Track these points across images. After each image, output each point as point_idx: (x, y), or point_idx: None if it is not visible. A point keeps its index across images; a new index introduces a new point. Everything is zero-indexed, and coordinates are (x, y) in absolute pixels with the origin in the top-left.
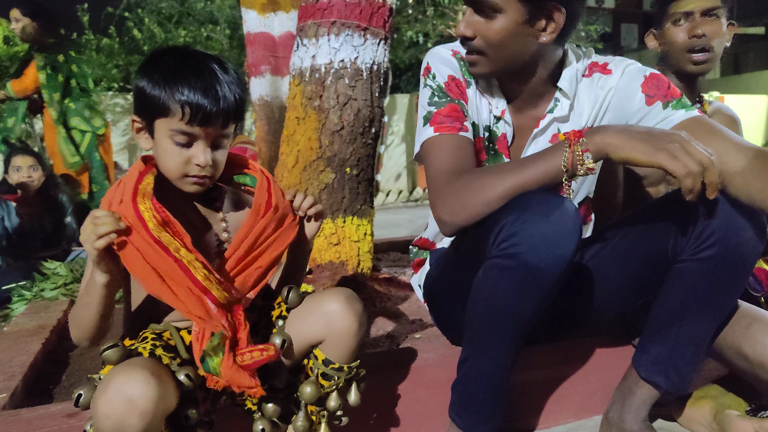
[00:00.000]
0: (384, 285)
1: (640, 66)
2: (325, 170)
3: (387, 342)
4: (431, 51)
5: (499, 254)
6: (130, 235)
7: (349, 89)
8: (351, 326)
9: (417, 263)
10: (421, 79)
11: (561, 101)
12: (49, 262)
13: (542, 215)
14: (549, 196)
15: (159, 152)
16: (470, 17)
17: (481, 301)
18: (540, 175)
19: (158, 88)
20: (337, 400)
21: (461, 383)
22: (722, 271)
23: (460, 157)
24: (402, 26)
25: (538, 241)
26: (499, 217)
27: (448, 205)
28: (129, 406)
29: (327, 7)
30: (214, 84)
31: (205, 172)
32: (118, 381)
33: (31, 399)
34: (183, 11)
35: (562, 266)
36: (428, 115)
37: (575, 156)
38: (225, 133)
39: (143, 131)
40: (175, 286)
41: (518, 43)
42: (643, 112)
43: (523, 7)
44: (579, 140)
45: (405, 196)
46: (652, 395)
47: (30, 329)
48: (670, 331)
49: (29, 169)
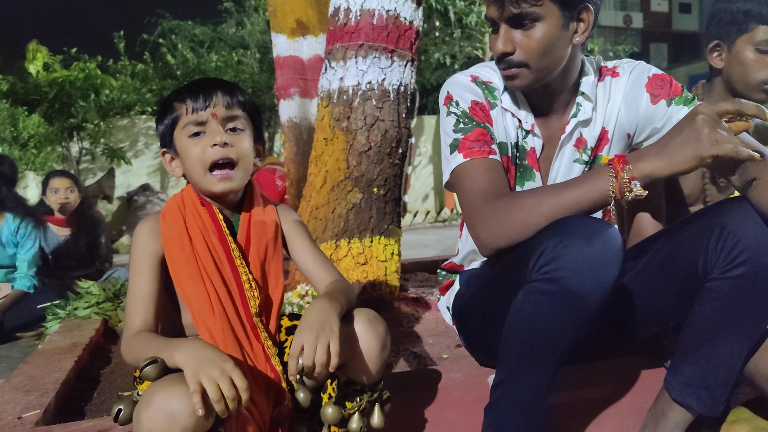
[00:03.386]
0: (411, 305)
1: (644, 66)
2: (353, 190)
3: (414, 362)
4: (449, 80)
5: (540, 278)
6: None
7: (376, 110)
8: (373, 347)
9: (445, 286)
10: (442, 108)
11: (583, 105)
12: (83, 281)
13: (585, 240)
14: (591, 220)
15: (183, 159)
16: (507, 33)
17: (520, 324)
18: (585, 200)
19: (167, 106)
20: (359, 422)
21: (496, 406)
22: (753, 290)
23: (495, 179)
24: (429, 48)
25: (580, 265)
26: (540, 241)
27: (487, 226)
28: (171, 422)
29: (355, 31)
30: (208, 80)
31: (226, 153)
32: (161, 397)
33: (63, 416)
34: (215, 37)
35: (604, 292)
36: (456, 142)
37: (622, 183)
38: (233, 114)
39: (169, 156)
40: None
41: (559, 48)
42: (651, 112)
43: (560, 11)
44: (624, 168)
45: (433, 217)
46: (685, 418)
47: (63, 347)
48: (702, 351)
49: (66, 191)
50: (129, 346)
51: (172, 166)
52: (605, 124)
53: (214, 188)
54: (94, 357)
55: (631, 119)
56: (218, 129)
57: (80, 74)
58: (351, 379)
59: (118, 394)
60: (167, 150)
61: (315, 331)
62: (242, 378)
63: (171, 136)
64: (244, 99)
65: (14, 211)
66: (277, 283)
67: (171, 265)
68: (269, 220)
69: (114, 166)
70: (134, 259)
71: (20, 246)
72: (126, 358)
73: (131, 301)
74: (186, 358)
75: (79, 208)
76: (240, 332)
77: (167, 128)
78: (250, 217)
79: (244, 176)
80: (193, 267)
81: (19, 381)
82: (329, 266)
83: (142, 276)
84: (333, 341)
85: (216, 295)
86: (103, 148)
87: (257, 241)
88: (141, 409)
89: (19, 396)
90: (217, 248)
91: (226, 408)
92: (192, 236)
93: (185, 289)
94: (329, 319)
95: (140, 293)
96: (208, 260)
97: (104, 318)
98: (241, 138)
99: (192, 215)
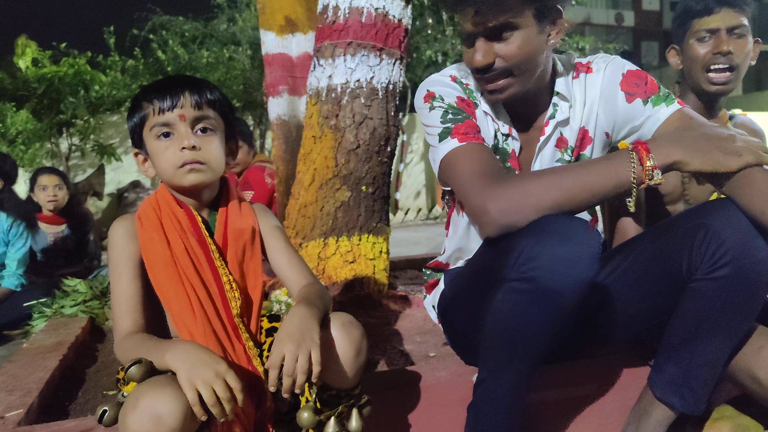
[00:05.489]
0: (399, 303)
1: (618, 62)
2: (341, 188)
3: (401, 360)
4: (427, 80)
5: (517, 277)
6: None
7: (365, 108)
8: (348, 353)
9: (431, 284)
10: (422, 106)
11: (560, 105)
12: (70, 279)
13: (561, 239)
14: (568, 219)
15: (154, 160)
16: (484, 45)
17: (499, 323)
18: (604, 181)
19: (136, 104)
20: (335, 426)
21: (477, 405)
22: (736, 291)
23: (495, 162)
24: (421, 46)
25: (556, 264)
26: (518, 240)
27: (501, 203)
28: (158, 424)
29: (343, 28)
30: (177, 77)
31: (195, 156)
32: (148, 398)
33: (47, 415)
34: (206, 33)
35: (580, 290)
36: (447, 129)
37: (646, 170)
38: (202, 114)
39: (142, 157)
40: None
41: (537, 54)
42: (627, 111)
43: (534, 17)
44: (649, 155)
45: (424, 214)
46: (667, 416)
47: (48, 346)
48: (685, 351)
49: (55, 188)
50: (122, 348)
51: (144, 167)
52: (584, 123)
53: (183, 182)
54: (80, 356)
55: (608, 118)
56: (186, 132)
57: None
58: (327, 383)
59: (103, 393)
60: (139, 151)
61: (296, 341)
62: (236, 379)
63: (140, 135)
64: (214, 97)
65: (10, 213)
66: (256, 283)
67: (150, 269)
68: (245, 224)
69: (104, 162)
70: (113, 261)
71: (11, 245)
72: (120, 359)
73: (116, 304)
74: (179, 361)
75: (68, 206)
76: (222, 334)
77: (136, 126)
78: (226, 217)
79: (214, 174)
80: (172, 270)
81: (3, 380)
82: (303, 269)
83: (122, 279)
84: (314, 351)
85: (197, 298)
86: (93, 144)
87: (234, 242)
88: (127, 410)
89: (2, 395)
90: (196, 250)
91: (222, 411)
92: (170, 239)
93: (165, 294)
94: (309, 328)
95: (123, 296)
96: (187, 263)
97: (91, 316)
98: (210, 140)
99: (169, 218)
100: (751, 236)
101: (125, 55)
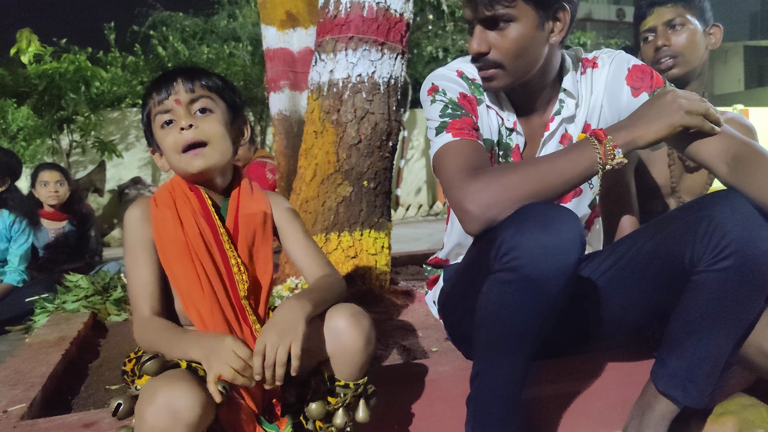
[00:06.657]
0: (401, 298)
1: (623, 57)
2: (343, 183)
3: (404, 355)
4: (434, 73)
5: (501, 268)
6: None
7: (366, 103)
8: (357, 343)
9: (432, 280)
10: (425, 98)
11: (566, 102)
12: (72, 274)
13: (541, 226)
14: (548, 207)
15: (164, 151)
16: (481, 33)
17: (487, 316)
18: (575, 168)
19: (143, 105)
20: (343, 417)
21: (474, 398)
22: (740, 283)
23: (482, 159)
24: (422, 41)
25: (538, 252)
26: (500, 231)
27: (477, 198)
28: (175, 418)
29: (345, 23)
30: (172, 69)
31: (196, 136)
32: (164, 393)
33: (50, 409)
34: (206, 29)
35: (565, 277)
36: (444, 124)
37: (607, 151)
38: (197, 95)
39: (158, 153)
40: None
41: (534, 49)
42: (633, 104)
43: (534, 11)
44: (607, 137)
45: (425, 210)
46: (671, 410)
47: (51, 341)
48: (688, 343)
49: (56, 184)
50: (142, 333)
51: (161, 162)
52: (588, 118)
53: (190, 168)
54: (82, 350)
55: (613, 113)
56: (183, 113)
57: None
58: (335, 374)
59: (106, 387)
60: (154, 148)
61: (278, 332)
62: (243, 347)
63: (152, 132)
64: (209, 81)
65: (13, 210)
66: (266, 268)
67: (160, 247)
68: (257, 209)
69: (105, 158)
70: (129, 245)
71: (13, 240)
72: (140, 345)
73: (134, 288)
74: (202, 356)
75: (69, 202)
76: (229, 313)
77: (146, 125)
78: (238, 204)
79: (220, 155)
80: (183, 248)
81: (6, 375)
82: (321, 259)
83: (139, 263)
84: (295, 344)
85: (205, 276)
86: (94, 140)
87: (245, 227)
88: (144, 404)
89: (5, 390)
90: (205, 231)
91: (247, 379)
92: (183, 219)
93: (174, 271)
94: (295, 321)
95: (141, 280)
96: (198, 242)
97: (93, 311)
98: (209, 118)
99: (182, 199)
100: (756, 227)
101: (126, 52)
